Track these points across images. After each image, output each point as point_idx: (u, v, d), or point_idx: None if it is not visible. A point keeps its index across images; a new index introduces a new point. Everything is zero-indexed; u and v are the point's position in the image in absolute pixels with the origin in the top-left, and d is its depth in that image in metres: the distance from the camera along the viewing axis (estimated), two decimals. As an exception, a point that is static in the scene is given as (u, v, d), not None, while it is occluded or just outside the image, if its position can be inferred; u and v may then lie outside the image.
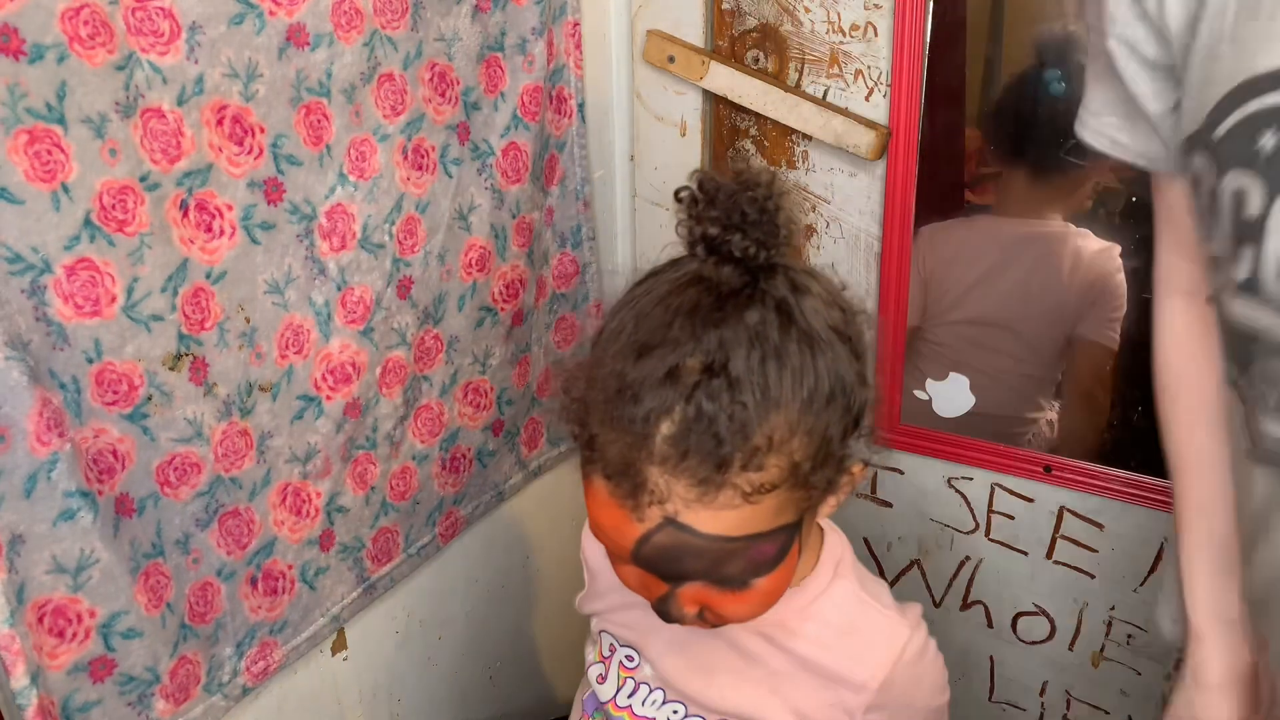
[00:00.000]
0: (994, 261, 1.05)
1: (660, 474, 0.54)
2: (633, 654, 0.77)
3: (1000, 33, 0.98)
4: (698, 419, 0.53)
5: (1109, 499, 1.05)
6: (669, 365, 0.54)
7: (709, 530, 0.55)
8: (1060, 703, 1.18)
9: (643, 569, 0.59)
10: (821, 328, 0.56)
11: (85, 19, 0.61)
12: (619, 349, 0.56)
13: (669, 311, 0.56)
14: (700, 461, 0.53)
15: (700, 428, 0.53)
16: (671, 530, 0.55)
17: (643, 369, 0.54)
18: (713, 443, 0.53)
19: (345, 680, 0.98)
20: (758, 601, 0.61)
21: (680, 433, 0.53)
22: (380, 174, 0.84)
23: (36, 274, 0.62)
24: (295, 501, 0.85)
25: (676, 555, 0.56)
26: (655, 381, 0.54)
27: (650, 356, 0.54)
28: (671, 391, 0.53)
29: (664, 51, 1.09)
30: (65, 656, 0.68)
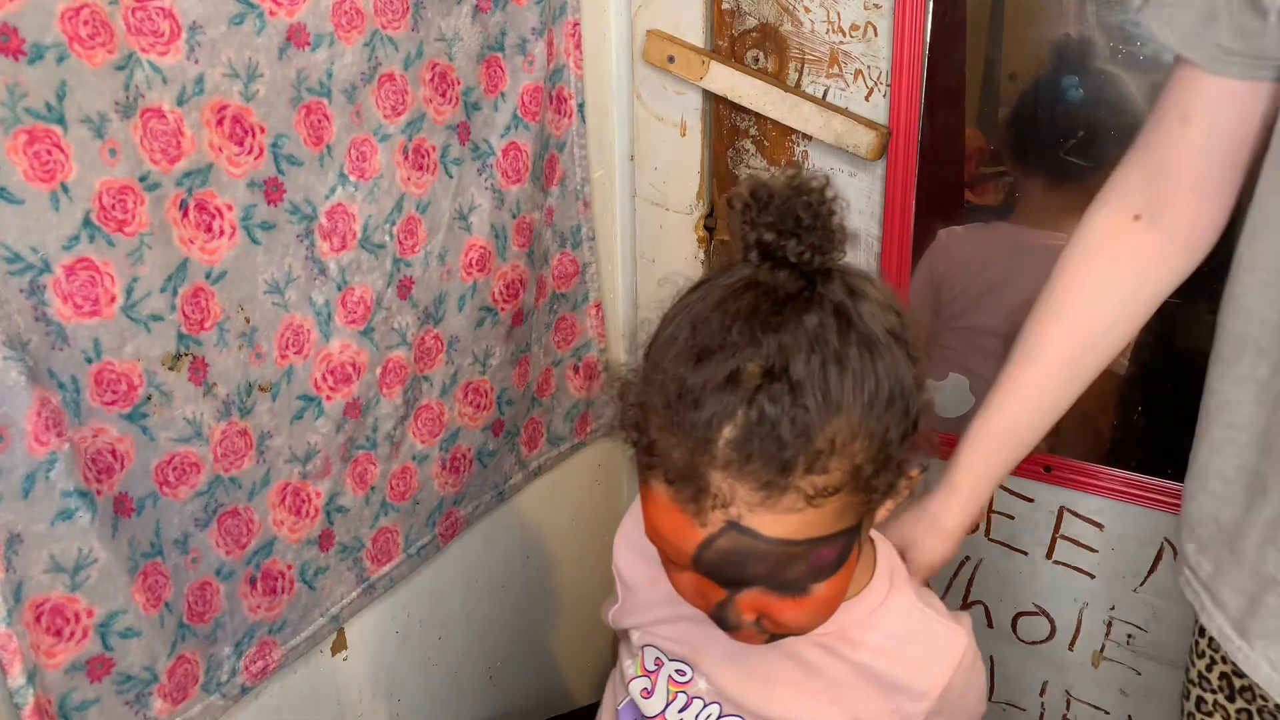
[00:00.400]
0: (1006, 271, 1.05)
1: (723, 478, 0.54)
2: (684, 668, 0.76)
3: (1000, 33, 0.98)
4: (760, 422, 0.53)
5: (1109, 499, 1.05)
6: (729, 370, 0.54)
7: (772, 534, 0.55)
8: (1060, 703, 1.18)
9: (703, 575, 0.59)
10: (879, 331, 0.56)
11: (85, 19, 0.61)
12: (676, 354, 0.56)
13: (726, 316, 0.55)
14: (764, 465, 0.53)
15: (763, 431, 0.53)
16: (734, 534, 0.55)
17: (703, 374, 0.54)
18: (775, 446, 0.53)
19: (345, 680, 0.98)
20: (816, 609, 0.61)
21: (743, 436, 0.53)
22: (381, 174, 0.84)
23: (36, 274, 0.62)
24: (295, 501, 0.85)
25: (739, 560, 0.56)
26: (716, 386, 0.54)
27: (709, 361, 0.54)
28: (733, 396, 0.53)
29: (664, 51, 1.09)
30: (63, 655, 0.68)
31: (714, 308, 0.57)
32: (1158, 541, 1.05)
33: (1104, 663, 1.14)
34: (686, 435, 0.54)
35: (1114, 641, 1.12)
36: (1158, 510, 1.03)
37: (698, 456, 0.54)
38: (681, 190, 1.17)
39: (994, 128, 1.01)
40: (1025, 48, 0.96)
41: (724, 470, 0.54)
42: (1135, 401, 1.01)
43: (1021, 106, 0.99)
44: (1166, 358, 0.98)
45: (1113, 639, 1.12)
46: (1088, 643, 1.14)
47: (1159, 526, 1.04)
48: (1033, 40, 0.95)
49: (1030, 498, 1.10)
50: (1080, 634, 1.14)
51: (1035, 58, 0.96)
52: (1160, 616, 1.08)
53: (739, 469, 0.53)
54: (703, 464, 0.54)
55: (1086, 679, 1.15)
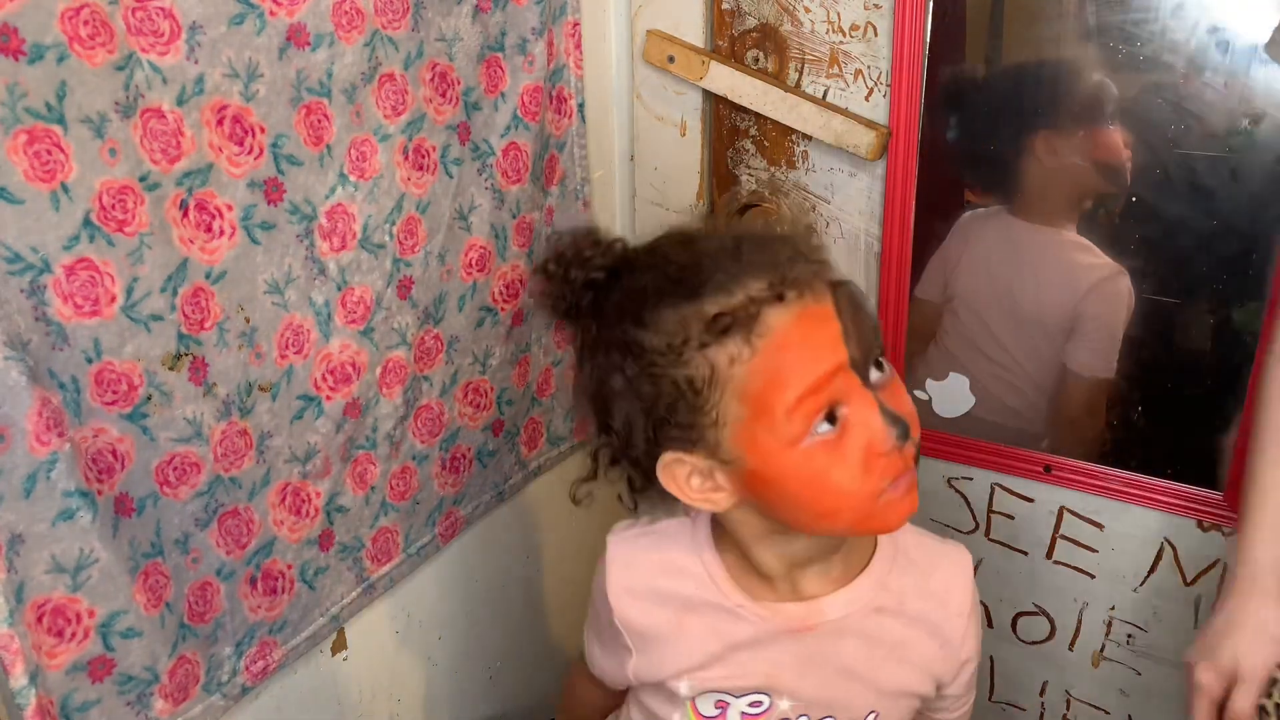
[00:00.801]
0: (1004, 262, 1.05)
1: (799, 267, 0.65)
2: (759, 698, 0.76)
3: (1000, 32, 0.98)
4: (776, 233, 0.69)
5: (1109, 499, 1.05)
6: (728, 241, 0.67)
7: (846, 278, 0.68)
8: (1060, 703, 1.18)
9: (853, 353, 0.65)
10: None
11: (85, 19, 0.61)
12: (677, 282, 0.66)
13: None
14: (799, 251, 0.67)
15: (778, 239, 0.68)
16: (840, 290, 0.66)
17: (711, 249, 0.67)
18: (792, 242, 0.67)
19: (345, 680, 0.98)
20: (904, 387, 0.69)
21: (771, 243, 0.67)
22: (381, 174, 0.84)
23: (36, 274, 0.62)
24: (295, 501, 0.85)
25: (857, 300, 0.67)
26: (721, 251, 0.67)
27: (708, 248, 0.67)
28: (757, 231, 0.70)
29: (664, 51, 1.09)
30: (64, 656, 0.68)
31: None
32: (1158, 541, 1.05)
33: (1104, 663, 1.14)
34: (751, 271, 0.64)
35: (1114, 641, 1.12)
36: (1158, 510, 1.03)
37: (775, 270, 0.64)
38: (681, 190, 1.17)
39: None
40: (1025, 48, 0.96)
41: (790, 263, 0.65)
42: (1135, 401, 1.01)
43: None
44: (1167, 358, 0.98)
45: (1113, 639, 1.12)
46: (1088, 643, 1.14)
47: (1159, 526, 1.05)
48: (1033, 40, 0.95)
49: (1030, 498, 1.10)
50: (1080, 634, 1.14)
51: (1035, 58, 0.96)
52: (1160, 616, 1.08)
53: (790, 255, 0.65)
54: (784, 268, 0.64)
55: (1086, 679, 1.15)
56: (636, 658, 0.78)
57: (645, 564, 0.77)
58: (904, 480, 0.65)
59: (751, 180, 1.13)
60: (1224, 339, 0.95)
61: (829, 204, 1.09)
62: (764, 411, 0.63)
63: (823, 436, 0.64)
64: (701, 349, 0.63)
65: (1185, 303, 0.96)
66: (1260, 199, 0.89)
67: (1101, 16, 0.91)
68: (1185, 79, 0.89)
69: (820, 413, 0.63)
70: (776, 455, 0.64)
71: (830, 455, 0.64)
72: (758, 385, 0.63)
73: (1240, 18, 0.86)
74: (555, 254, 0.70)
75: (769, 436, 0.64)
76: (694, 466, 0.67)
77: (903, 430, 0.64)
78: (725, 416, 0.64)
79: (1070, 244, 1.00)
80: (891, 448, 0.64)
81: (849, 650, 0.75)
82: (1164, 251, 0.95)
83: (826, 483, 0.64)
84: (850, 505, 0.65)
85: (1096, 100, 0.94)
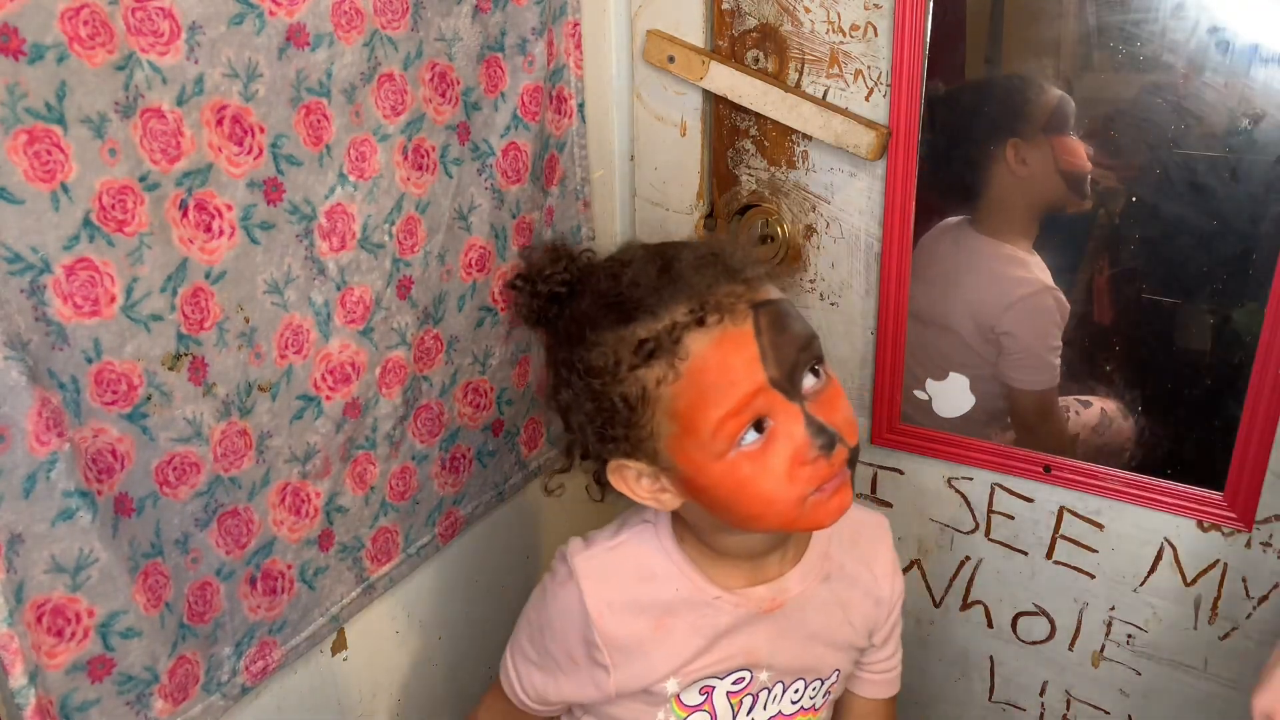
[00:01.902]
0: (951, 272, 1.06)
1: (726, 288, 0.68)
2: (741, 674, 0.82)
3: (1000, 33, 0.98)
4: (710, 248, 0.72)
5: (1109, 499, 1.05)
6: (661, 263, 0.72)
7: (777, 295, 0.71)
8: (1060, 703, 1.18)
9: (773, 373, 0.68)
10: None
11: (85, 19, 0.61)
12: (608, 303, 0.71)
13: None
14: (729, 266, 0.70)
15: (710, 259, 0.71)
16: (765, 309, 0.68)
17: (646, 274, 0.71)
18: (723, 261, 0.71)
19: (345, 680, 0.98)
20: (843, 393, 0.73)
21: (709, 258, 0.71)
22: (380, 174, 0.84)
23: (36, 274, 0.62)
24: (294, 501, 0.85)
25: (783, 320, 0.69)
26: (656, 274, 0.71)
27: (641, 278, 0.71)
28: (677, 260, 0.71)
29: (664, 51, 1.09)
30: (64, 656, 0.68)
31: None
32: (1158, 541, 1.05)
33: (1104, 663, 1.14)
34: (677, 296, 0.68)
35: (1114, 641, 1.12)
36: (1158, 510, 1.03)
37: (698, 294, 0.68)
38: (681, 190, 1.17)
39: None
40: (1025, 48, 0.96)
41: (715, 285, 0.68)
42: (1135, 401, 1.01)
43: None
44: (1167, 358, 0.98)
45: (1113, 639, 1.12)
46: (1088, 643, 1.14)
47: (1159, 526, 1.05)
48: (1033, 40, 0.95)
49: (1030, 498, 1.10)
50: (1080, 634, 1.14)
51: (1035, 58, 0.96)
52: (1160, 616, 1.08)
53: (718, 277, 0.69)
54: (706, 291, 0.68)
55: (1086, 679, 1.15)
56: (617, 672, 0.80)
57: (619, 576, 0.81)
58: (830, 485, 0.70)
59: (751, 180, 1.13)
60: (1224, 339, 0.95)
61: (829, 204, 1.09)
62: (691, 429, 0.68)
63: (749, 447, 0.68)
64: (632, 370, 0.68)
65: (1185, 303, 0.96)
66: (1260, 199, 0.89)
67: (1101, 16, 0.91)
68: (1185, 79, 0.89)
69: (744, 429, 0.68)
70: (706, 466, 0.69)
71: (755, 464, 0.68)
72: (683, 405, 0.68)
73: (1240, 18, 0.86)
74: (522, 269, 0.78)
75: (697, 450, 0.69)
76: (639, 470, 0.73)
77: (828, 440, 0.68)
78: (659, 431, 0.70)
79: (1006, 258, 1.02)
80: (815, 456, 0.68)
81: (811, 618, 0.83)
82: (1164, 251, 0.95)
83: (752, 490, 0.69)
84: (776, 510, 0.70)
85: (1062, 111, 0.95)
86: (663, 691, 0.80)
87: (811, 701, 0.86)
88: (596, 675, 0.80)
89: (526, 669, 0.86)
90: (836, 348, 1.14)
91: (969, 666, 1.22)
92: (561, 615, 0.82)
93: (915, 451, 1.14)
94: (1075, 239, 0.99)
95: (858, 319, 1.12)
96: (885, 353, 1.10)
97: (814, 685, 0.86)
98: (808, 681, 0.85)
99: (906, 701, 1.27)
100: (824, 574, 0.83)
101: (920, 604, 1.22)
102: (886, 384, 1.11)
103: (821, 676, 0.86)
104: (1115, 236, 0.97)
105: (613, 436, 0.72)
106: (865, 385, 1.14)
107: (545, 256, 0.77)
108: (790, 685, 0.85)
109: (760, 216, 1.13)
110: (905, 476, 1.17)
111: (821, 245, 1.11)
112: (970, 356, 1.07)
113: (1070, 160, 0.96)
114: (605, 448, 0.73)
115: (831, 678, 0.87)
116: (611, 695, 0.81)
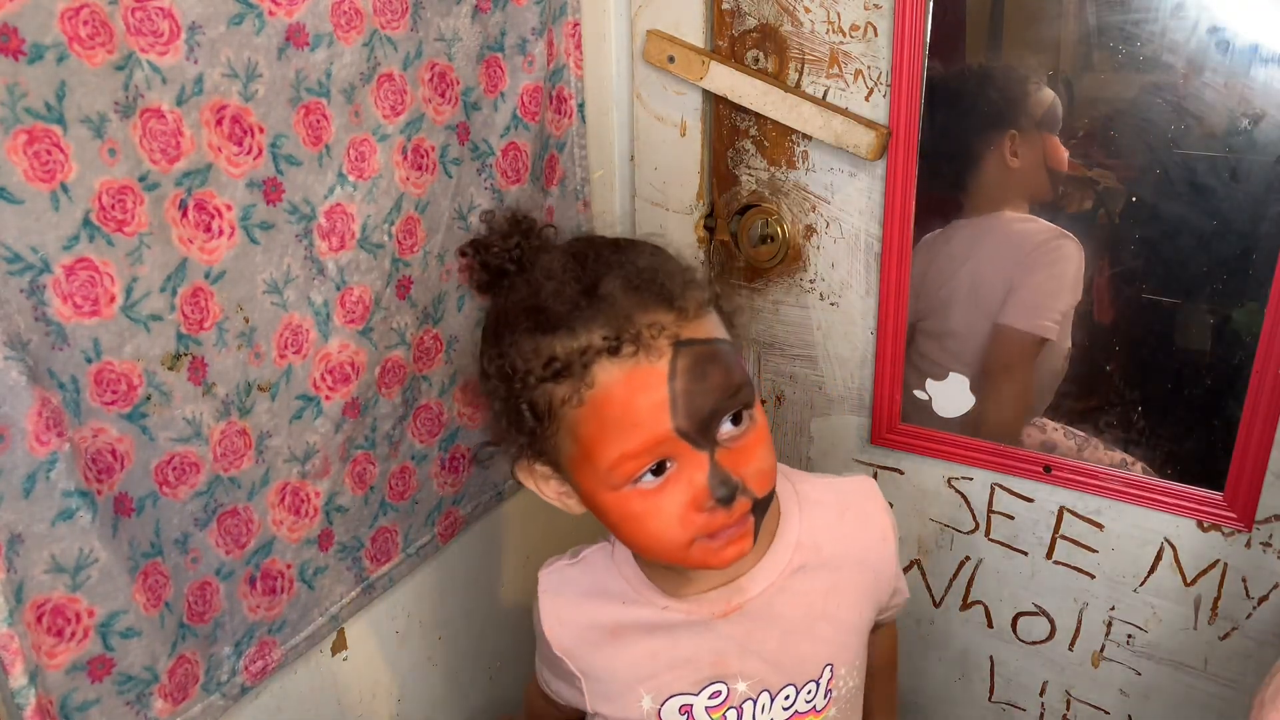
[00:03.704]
0: (953, 266, 1.06)
1: (644, 317, 0.64)
2: (717, 688, 0.78)
3: (1000, 33, 0.98)
4: (637, 274, 0.66)
5: (1109, 499, 1.05)
6: (582, 284, 0.66)
7: (705, 335, 0.66)
8: (1060, 703, 1.18)
9: (681, 422, 0.64)
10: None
11: (85, 19, 0.62)
12: (530, 320, 0.67)
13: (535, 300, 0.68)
14: (658, 296, 0.65)
15: (644, 278, 0.66)
16: (685, 350, 0.64)
17: (562, 297, 0.65)
18: (658, 284, 0.66)
19: (345, 680, 0.98)
20: (766, 443, 0.69)
21: (630, 286, 0.65)
22: (380, 174, 0.84)
23: (36, 274, 0.62)
24: (294, 501, 0.85)
25: (701, 367, 0.64)
26: (577, 292, 0.65)
27: (560, 292, 0.66)
28: (604, 282, 0.66)
29: (664, 51, 1.09)
30: (64, 656, 0.68)
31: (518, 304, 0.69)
32: (1158, 541, 1.05)
33: (1104, 663, 1.14)
34: (598, 317, 0.64)
35: (1114, 641, 1.12)
36: (1158, 510, 1.03)
37: (619, 318, 0.63)
38: (681, 190, 1.17)
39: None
40: (1025, 48, 0.96)
41: (641, 311, 0.64)
42: (1135, 401, 1.01)
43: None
44: (1167, 358, 0.98)
45: (1113, 639, 1.12)
46: (1088, 643, 1.14)
47: (1159, 526, 1.05)
48: (1033, 40, 0.95)
49: (1030, 498, 1.10)
50: (1080, 634, 1.14)
51: (1035, 58, 0.96)
52: (1160, 616, 1.08)
53: (646, 303, 0.64)
54: (626, 319, 0.63)
55: (1086, 679, 1.15)
56: (589, 689, 0.80)
57: (573, 592, 0.80)
58: (726, 534, 0.67)
59: (751, 180, 1.13)
60: (1224, 339, 0.95)
61: (829, 204, 1.09)
62: (589, 456, 0.66)
63: (644, 485, 0.66)
64: (540, 383, 0.66)
65: (1185, 303, 0.96)
66: (1260, 199, 0.89)
67: (1101, 16, 0.91)
68: (1185, 79, 0.89)
69: (642, 470, 0.65)
70: (599, 493, 0.68)
71: (647, 503, 0.66)
72: (585, 432, 0.66)
73: (1240, 18, 0.86)
74: (479, 234, 0.74)
75: (593, 478, 0.67)
76: (545, 474, 0.72)
77: (729, 492, 0.66)
78: (561, 446, 0.68)
79: (1010, 219, 1.01)
80: (712, 506, 0.66)
81: (782, 617, 0.78)
82: (1164, 251, 0.95)
83: (640, 526, 0.67)
84: (664, 549, 0.68)
85: (1054, 109, 0.95)
86: (640, 710, 0.79)
87: (809, 704, 0.81)
88: (574, 682, 0.81)
89: (541, 666, 0.88)
90: (836, 348, 1.14)
91: (969, 666, 1.22)
92: (537, 627, 0.83)
93: (915, 451, 1.14)
94: (1075, 239, 0.99)
95: (858, 319, 1.12)
96: (885, 353, 1.10)
97: (808, 688, 0.80)
98: (799, 687, 0.80)
99: (907, 702, 1.27)
100: (796, 566, 0.78)
101: (920, 604, 1.22)
102: (886, 384, 1.11)
103: (813, 678, 0.80)
104: (1115, 236, 0.97)
105: (518, 440, 0.70)
106: (865, 385, 1.14)
107: (502, 225, 0.73)
108: (779, 692, 0.80)
109: (760, 216, 1.13)
110: (905, 476, 1.17)
111: (821, 245, 1.11)
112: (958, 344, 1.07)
113: (1056, 158, 0.96)
114: (513, 446, 0.72)
115: (824, 675, 0.81)
116: (589, 709, 0.81)
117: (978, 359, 1.07)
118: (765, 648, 0.78)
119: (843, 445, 1.19)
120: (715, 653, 0.77)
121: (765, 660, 0.78)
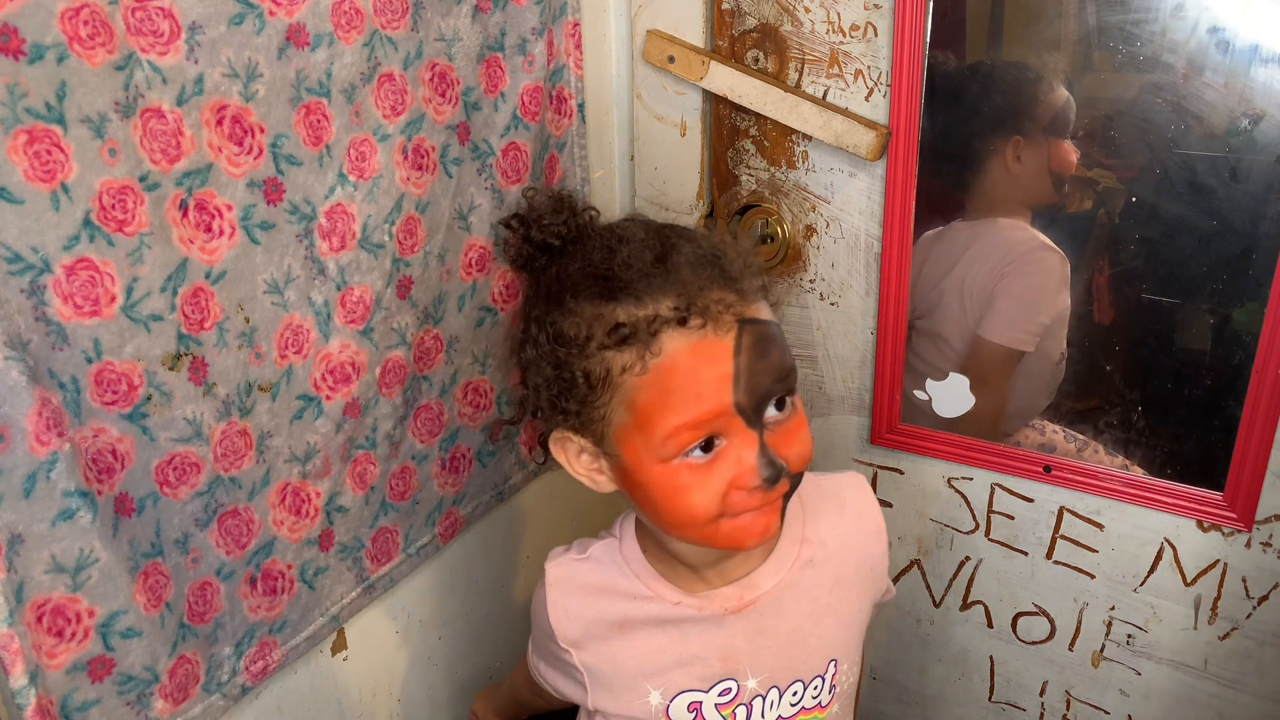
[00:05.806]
0: (946, 267, 1.06)
1: (713, 293, 0.66)
2: (727, 685, 0.79)
3: (1000, 33, 0.98)
4: (704, 253, 0.68)
5: (1109, 499, 1.05)
6: (653, 253, 0.68)
7: (765, 316, 0.68)
8: (1060, 703, 1.18)
9: (743, 395, 0.65)
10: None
11: (85, 19, 0.62)
12: (597, 285, 0.68)
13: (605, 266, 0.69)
14: (724, 276, 0.67)
15: (712, 256, 0.68)
16: (750, 328, 0.66)
17: (637, 263, 0.67)
18: (724, 263, 0.68)
19: (345, 680, 0.98)
20: (806, 425, 0.71)
21: (702, 261, 0.67)
22: (380, 174, 0.84)
23: (36, 274, 0.62)
24: (295, 501, 0.85)
25: (764, 345, 0.66)
26: (651, 261, 0.67)
27: (631, 261, 0.68)
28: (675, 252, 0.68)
29: (664, 51, 1.09)
30: (64, 656, 0.68)
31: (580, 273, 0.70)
32: (1158, 541, 1.05)
33: (1104, 663, 1.14)
34: (666, 287, 0.65)
35: (1114, 641, 1.12)
36: (1158, 510, 1.03)
37: (689, 291, 0.65)
38: (681, 190, 1.17)
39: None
40: (1025, 48, 0.96)
41: (709, 286, 0.66)
42: (1135, 401, 1.01)
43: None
44: (1167, 358, 0.98)
45: (1113, 639, 1.12)
46: (1087, 643, 1.14)
47: (1159, 526, 1.05)
48: (1033, 40, 0.95)
49: (1030, 498, 1.10)
50: (1080, 634, 1.14)
51: (1035, 57, 0.96)
52: (1160, 616, 1.08)
53: (713, 279, 0.66)
54: (698, 291, 0.65)
55: (1086, 679, 1.15)
56: (592, 686, 0.80)
57: (582, 586, 0.80)
58: (756, 512, 0.69)
59: (751, 180, 1.13)
60: (1224, 339, 0.95)
61: (829, 204, 1.09)
62: (644, 426, 0.66)
63: (693, 460, 0.67)
64: (601, 350, 0.66)
65: (1185, 303, 0.96)
66: (1260, 199, 0.89)
67: (1101, 16, 0.91)
68: (1185, 79, 0.89)
69: (696, 443, 0.66)
70: (647, 464, 0.68)
71: (694, 477, 0.67)
72: (643, 400, 0.66)
73: (1240, 18, 0.86)
74: (522, 210, 0.75)
75: (644, 448, 0.67)
76: (582, 446, 0.72)
77: (775, 473, 0.67)
78: (612, 416, 0.68)
79: (1001, 226, 1.02)
80: (756, 486, 0.67)
81: (791, 613, 0.79)
82: (1164, 251, 0.95)
83: (682, 499, 0.67)
84: (698, 524, 0.68)
85: (1064, 114, 0.95)
86: (648, 706, 0.79)
87: (815, 700, 0.82)
88: (578, 678, 0.81)
89: (536, 658, 0.87)
90: (836, 348, 1.14)
91: (969, 666, 1.22)
92: (538, 617, 0.83)
93: (915, 451, 1.14)
94: (1075, 239, 0.99)
95: (858, 319, 1.12)
96: (885, 353, 1.10)
97: (814, 684, 0.81)
98: (806, 682, 0.81)
99: (907, 701, 1.27)
100: (804, 560, 0.79)
101: (920, 604, 1.22)
102: (886, 384, 1.11)
103: (820, 673, 0.81)
104: (1115, 236, 0.97)
105: (564, 408, 0.70)
106: (865, 385, 1.14)
107: (548, 203, 0.73)
108: (787, 689, 0.81)
109: (760, 216, 1.13)
110: (905, 476, 1.17)
111: (821, 245, 1.11)
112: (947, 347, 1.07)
113: (1062, 163, 0.96)
114: (555, 416, 0.71)
115: (830, 670, 0.82)
116: (591, 710, 0.81)
117: (965, 365, 1.07)
118: (775, 643, 0.79)
119: (843, 445, 1.19)
120: (726, 649, 0.78)
121: (775, 656, 0.79)
